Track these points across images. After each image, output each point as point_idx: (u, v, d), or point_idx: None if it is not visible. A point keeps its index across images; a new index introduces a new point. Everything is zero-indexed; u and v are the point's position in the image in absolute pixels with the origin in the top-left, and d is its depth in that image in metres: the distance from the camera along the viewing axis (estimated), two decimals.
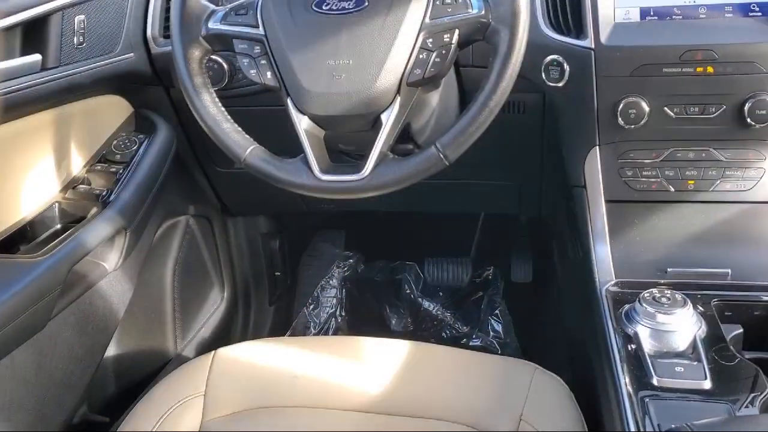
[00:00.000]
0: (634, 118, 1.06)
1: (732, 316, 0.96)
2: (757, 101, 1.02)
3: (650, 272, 1.05)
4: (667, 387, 0.85)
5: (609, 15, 1.05)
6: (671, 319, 0.90)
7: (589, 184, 1.13)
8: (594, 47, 1.05)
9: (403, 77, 0.88)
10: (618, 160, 1.11)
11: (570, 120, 1.14)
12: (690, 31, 1.03)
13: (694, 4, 1.04)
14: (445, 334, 1.93)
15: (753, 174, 1.08)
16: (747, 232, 1.08)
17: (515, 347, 1.85)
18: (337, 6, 0.90)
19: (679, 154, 1.09)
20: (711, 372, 0.85)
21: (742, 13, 1.03)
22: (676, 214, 1.11)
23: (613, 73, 1.05)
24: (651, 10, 1.06)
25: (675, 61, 1.02)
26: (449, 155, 0.90)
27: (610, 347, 0.93)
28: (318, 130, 0.93)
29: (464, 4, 0.88)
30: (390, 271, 2.03)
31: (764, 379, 0.85)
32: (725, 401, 0.82)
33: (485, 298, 1.95)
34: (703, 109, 1.05)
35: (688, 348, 0.89)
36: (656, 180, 1.10)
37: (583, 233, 1.13)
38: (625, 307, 0.96)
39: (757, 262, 1.04)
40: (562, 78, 1.08)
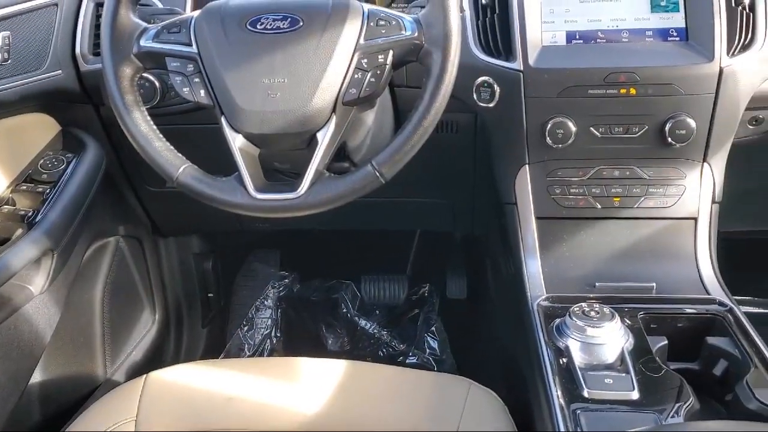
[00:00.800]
0: (561, 137, 1.10)
1: (657, 328, 1.00)
2: (677, 122, 1.07)
3: (579, 287, 1.08)
4: (598, 399, 0.87)
5: (537, 38, 1.09)
6: (600, 332, 0.93)
7: (519, 202, 1.16)
8: (523, 69, 1.08)
9: (339, 96, 0.89)
10: (547, 178, 1.15)
11: (501, 139, 1.17)
12: (613, 55, 1.08)
13: (617, 28, 1.09)
14: (381, 353, 1.93)
15: (674, 191, 1.13)
16: (670, 247, 1.12)
17: (451, 364, 1.86)
18: (271, 25, 0.90)
19: (605, 172, 1.13)
20: (638, 383, 0.88)
21: (661, 37, 1.08)
22: (603, 230, 1.15)
23: (541, 95, 1.09)
24: (576, 34, 1.10)
25: (599, 83, 1.06)
26: (385, 173, 0.91)
27: (542, 361, 0.95)
28: (252, 149, 0.93)
29: (398, 26, 0.89)
30: (326, 290, 2.02)
31: (688, 389, 0.88)
32: (652, 411, 0.85)
33: (421, 315, 1.96)
34: (626, 129, 1.10)
35: (616, 360, 0.92)
36: (583, 197, 1.14)
37: (515, 249, 1.16)
38: (556, 321, 0.98)
39: (679, 276, 1.09)
40: (492, 99, 1.11)
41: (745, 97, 1.08)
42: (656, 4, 1.08)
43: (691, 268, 1.10)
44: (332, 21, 0.89)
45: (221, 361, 1.26)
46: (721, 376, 0.95)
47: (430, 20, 0.88)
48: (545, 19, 1.10)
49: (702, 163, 1.12)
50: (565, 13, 1.10)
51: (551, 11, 1.10)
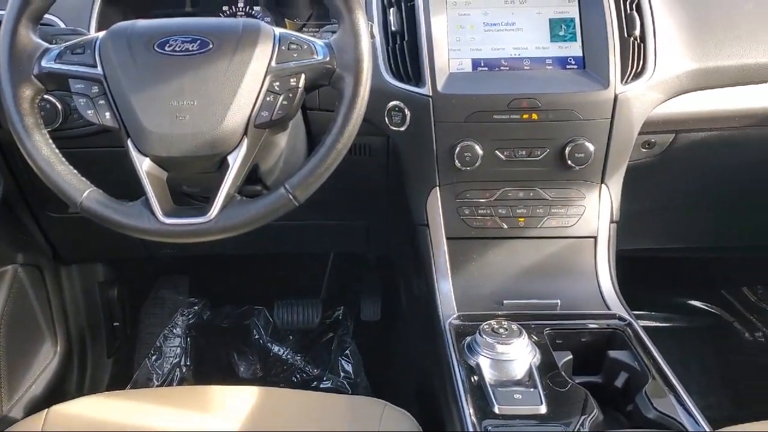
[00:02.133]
0: (469, 160, 1.13)
1: (562, 343, 1.03)
2: (576, 145, 1.12)
3: (489, 304, 1.11)
4: (508, 414, 0.89)
5: (444, 65, 1.12)
6: (509, 349, 0.95)
7: (431, 223, 1.19)
8: (432, 95, 1.11)
9: (250, 119, 0.89)
10: (456, 199, 1.18)
11: (412, 162, 1.20)
12: (516, 82, 1.12)
13: (519, 57, 1.14)
14: (295, 378, 1.91)
15: (575, 211, 1.18)
16: (572, 264, 1.17)
17: (365, 386, 1.86)
18: (180, 47, 0.89)
19: (510, 194, 1.17)
20: (546, 397, 0.91)
21: (561, 65, 1.14)
22: (510, 250, 1.18)
23: (450, 119, 1.12)
24: (481, 61, 1.14)
25: (504, 108, 1.11)
26: (298, 196, 0.91)
27: (454, 379, 0.96)
28: (160, 172, 0.91)
29: (309, 50, 0.90)
30: (237, 317, 1.98)
31: (592, 401, 0.92)
32: (560, 424, 0.88)
33: (335, 339, 1.96)
34: (529, 153, 1.14)
35: (525, 376, 0.94)
36: (491, 218, 1.18)
37: (427, 270, 1.18)
38: (467, 339, 1.00)
39: (582, 292, 1.14)
40: (404, 123, 1.13)
41: (638, 121, 1.14)
42: (555, 33, 1.14)
43: (592, 285, 1.15)
44: (243, 44, 0.89)
45: (128, 392, 1.21)
46: (622, 387, 0.99)
47: (342, 45, 0.90)
48: (452, 46, 1.13)
49: (600, 184, 1.17)
50: (471, 42, 1.14)
51: (458, 39, 1.14)
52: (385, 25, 1.15)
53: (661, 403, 0.91)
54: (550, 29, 1.14)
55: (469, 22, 1.15)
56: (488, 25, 1.15)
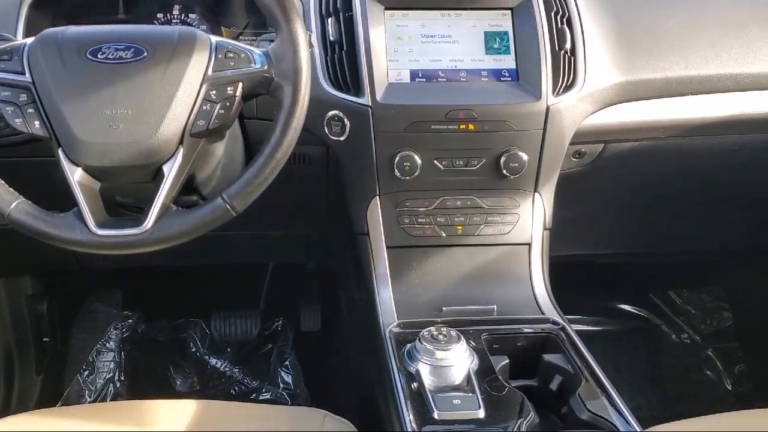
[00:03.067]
0: (408, 170, 1.14)
1: (499, 348, 1.06)
2: (511, 155, 1.15)
3: (428, 312, 1.13)
4: (447, 419, 0.91)
5: (383, 75, 1.14)
6: (448, 355, 0.97)
7: (371, 232, 1.20)
8: (371, 104, 1.12)
9: (186, 128, 0.88)
10: (396, 208, 1.19)
11: (352, 172, 1.20)
12: (453, 93, 1.15)
13: (455, 68, 1.16)
14: (234, 391, 1.88)
15: (510, 219, 1.21)
16: (508, 271, 1.20)
17: (305, 397, 1.85)
18: (113, 55, 0.87)
19: (449, 203, 1.19)
20: (484, 402, 0.93)
21: (495, 78, 1.17)
22: (449, 257, 1.20)
23: (389, 129, 1.13)
24: (419, 72, 1.16)
25: (441, 119, 1.13)
26: (237, 206, 0.90)
27: (394, 386, 0.97)
28: (93, 182, 0.89)
29: (247, 59, 0.90)
30: (173, 330, 1.94)
31: (529, 405, 0.94)
32: (498, 428, 0.90)
33: (275, 350, 1.94)
34: (466, 162, 1.17)
35: (463, 381, 0.96)
36: (430, 226, 1.19)
37: (368, 278, 1.19)
38: (407, 347, 1.01)
39: (517, 298, 1.16)
40: (343, 132, 1.14)
41: (569, 132, 1.18)
42: (490, 46, 1.17)
43: (527, 290, 1.18)
44: (179, 52, 0.88)
45: (58, 410, 1.17)
46: (556, 390, 1.02)
47: (280, 54, 0.90)
48: (390, 57, 1.15)
49: (534, 193, 1.21)
50: (409, 53, 1.16)
51: (396, 50, 1.15)
52: (323, 35, 1.16)
53: (593, 405, 0.94)
54: (484, 42, 1.17)
55: (406, 33, 1.17)
56: (425, 36, 1.17)
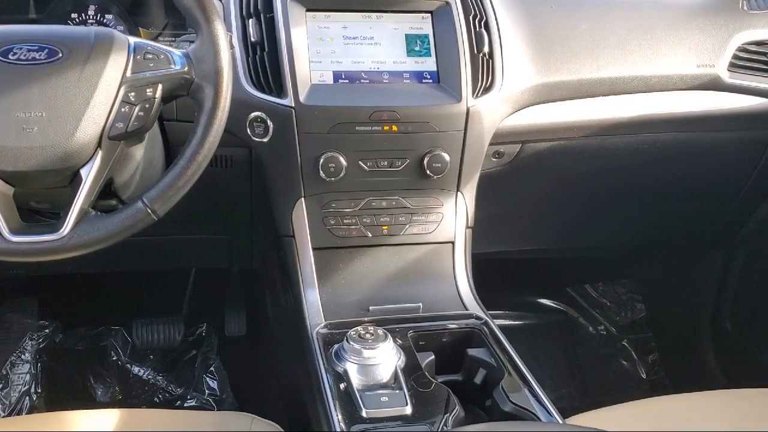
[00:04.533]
0: (333, 171, 1.15)
1: (425, 344, 1.08)
2: (434, 156, 1.17)
3: (355, 311, 1.13)
4: (375, 417, 0.92)
5: (306, 76, 1.14)
6: (375, 353, 0.98)
7: (297, 234, 1.19)
8: (294, 106, 1.12)
9: (104, 131, 0.85)
10: (322, 210, 1.19)
11: (276, 173, 1.20)
12: (376, 94, 1.16)
13: (378, 70, 1.18)
14: (157, 399, 1.83)
15: (434, 218, 1.23)
16: (432, 269, 1.22)
17: (231, 402, 1.83)
18: (26, 56, 0.84)
19: (374, 203, 1.20)
20: (411, 398, 0.94)
21: (417, 79, 1.19)
22: (375, 257, 1.21)
23: (313, 130, 1.13)
24: (342, 73, 1.16)
25: (365, 120, 1.14)
26: (158, 210, 0.88)
27: (322, 387, 0.98)
28: (6, 188, 0.85)
29: (166, 60, 0.89)
30: (93, 338, 1.87)
31: (454, 399, 0.96)
32: (425, 423, 0.92)
33: (199, 356, 1.91)
34: (391, 163, 1.18)
35: (390, 378, 0.97)
36: (356, 227, 1.20)
37: (294, 281, 1.19)
38: (335, 347, 1.02)
39: (442, 295, 1.19)
40: (266, 134, 1.13)
41: (488, 133, 1.21)
42: (411, 49, 1.19)
43: (451, 287, 1.21)
44: (95, 53, 0.86)
45: None
46: (481, 383, 1.05)
47: (200, 55, 0.89)
48: (313, 58, 1.15)
49: (456, 192, 1.23)
50: (331, 54, 1.16)
51: (318, 52, 1.16)
52: (244, 36, 1.15)
53: (516, 397, 0.97)
54: (406, 44, 1.19)
55: (328, 34, 1.17)
56: (348, 38, 1.18)
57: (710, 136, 1.41)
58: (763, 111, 1.36)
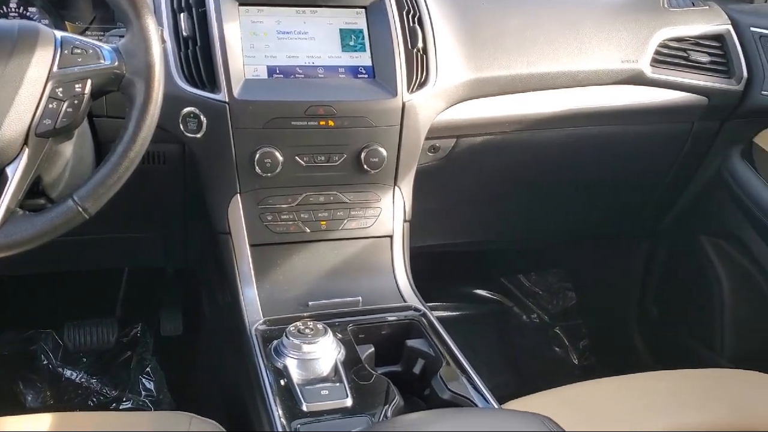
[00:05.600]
0: (269, 166, 1.14)
1: (365, 337, 1.09)
2: (371, 150, 1.18)
3: (294, 307, 1.14)
4: (316, 411, 0.92)
5: (239, 71, 1.13)
6: (315, 348, 0.98)
7: (233, 231, 1.18)
8: (228, 101, 1.11)
9: (31, 128, 0.83)
10: (259, 206, 1.18)
11: (211, 170, 1.18)
12: (312, 89, 1.16)
13: (313, 65, 1.18)
14: (91, 402, 1.79)
15: (372, 213, 1.24)
16: (371, 262, 1.23)
17: (169, 403, 1.80)
18: None
19: (312, 198, 1.20)
20: (351, 390, 0.95)
21: (352, 74, 1.19)
22: (313, 253, 1.22)
23: (248, 125, 1.13)
24: (277, 68, 1.16)
25: (301, 115, 1.13)
26: (89, 208, 0.86)
27: (262, 383, 0.97)
28: None
29: (95, 55, 0.86)
30: (22, 342, 1.81)
31: (394, 390, 0.98)
32: (365, 414, 0.93)
33: (134, 357, 1.86)
34: (328, 158, 1.18)
35: (330, 372, 0.98)
36: (293, 222, 1.20)
37: (231, 278, 1.18)
38: (274, 343, 1.02)
39: (381, 288, 1.20)
40: (200, 129, 1.12)
41: (424, 127, 1.23)
42: (346, 44, 1.19)
43: (390, 281, 1.22)
44: (19, 48, 0.83)
45: None
46: (419, 373, 1.07)
47: (131, 50, 0.87)
48: (246, 53, 1.14)
49: (394, 186, 1.24)
50: (265, 49, 1.16)
51: (252, 46, 1.15)
52: (176, 31, 1.13)
53: (454, 385, 0.99)
54: (340, 39, 1.19)
55: (262, 29, 1.16)
56: (281, 33, 1.17)
57: (635, 129, 1.47)
58: (683, 104, 1.42)
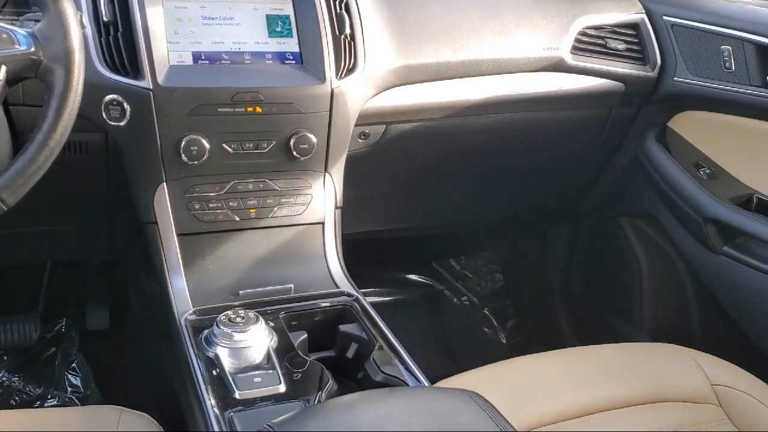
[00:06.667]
0: (196, 154, 1.12)
1: (297, 324, 1.09)
2: (300, 137, 1.18)
3: (225, 297, 1.13)
4: (249, 398, 0.92)
5: (163, 57, 1.10)
6: (246, 336, 0.98)
7: (160, 220, 1.16)
8: (152, 88, 1.08)
9: None
10: (186, 194, 1.17)
11: (135, 158, 1.16)
12: (238, 75, 1.15)
13: (239, 51, 1.16)
14: (14, 401, 1.72)
15: (303, 200, 1.24)
16: (303, 250, 1.23)
17: (97, 398, 1.75)
18: None
19: (240, 186, 1.19)
20: (284, 377, 0.96)
21: (280, 60, 1.18)
22: (243, 241, 1.21)
23: (173, 113, 1.10)
24: (202, 54, 1.14)
25: (228, 101, 1.12)
26: (7, 200, 0.83)
27: (193, 374, 0.97)
28: None
29: (10, 40, 0.83)
30: None
31: (328, 374, 0.99)
32: (299, 399, 0.93)
33: (59, 353, 1.81)
34: (256, 145, 1.17)
35: (263, 360, 0.98)
36: (222, 211, 1.19)
37: (159, 269, 1.16)
38: (204, 333, 1.01)
39: (313, 275, 1.20)
40: (123, 117, 1.09)
41: (353, 114, 1.23)
42: (273, 29, 1.18)
43: (322, 267, 1.22)
44: None
45: None
46: (353, 357, 1.08)
47: (49, 35, 0.84)
48: (170, 39, 1.12)
49: (324, 173, 1.25)
50: (190, 35, 1.14)
51: (176, 32, 1.12)
52: (96, 15, 1.10)
53: (387, 368, 1.01)
54: (267, 25, 1.18)
55: (186, 15, 1.14)
56: (206, 18, 1.15)
57: (557, 115, 1.52)
58: (602, 91, 1.47)
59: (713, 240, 1.42)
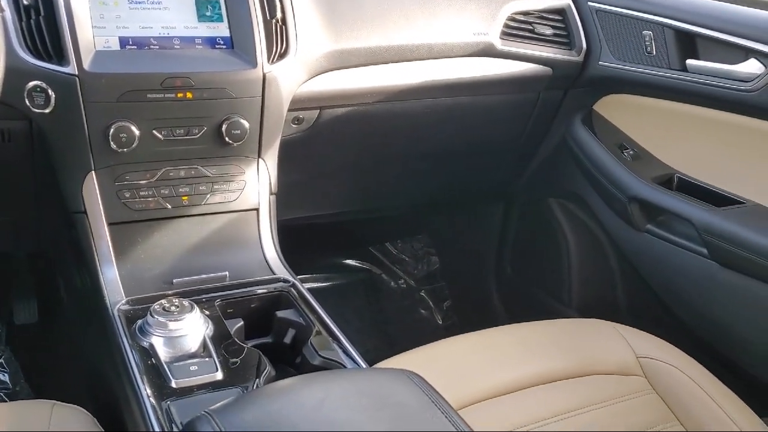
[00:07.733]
0: (125, 141, 1.10)
1: (234, 311, 1.09)
2: (232, 122, 1.16)
3: (158, 285, 1.11)
4: (185, 387, 0.92)
5: (89, 42, 1.07)
6: (181, 325, 0.98)
7: (89, 210, 1.14)
8: (78, 74, 1.05)
9: None
10: (115, 183, 1.14)
11: (62, 147, 1.12)
12: (168, 60, 1.12)
13: (168, 36, 1.14)
14: None
15: (236, 186, 1.23)
16: (238, 237, 1.23)
17: (27, 394, 1.70)
18: None
19: (172, 173, 1.18)
20: (221, 364, 0.96)
21: (210, 45, 1.17)
22: (176, 229, 1.19)
23: (101, 99, 1.08)
24: (129, 39, 1.11)
25: (157, 87, 1.10)
26: None
27: (128, 364, 0.96)
28: None
29: None
30: None
31: (265, 360, 0.99)
32: (237, 386, 0.94)
33: None
34: (187, 131, 1.15)
35: (199, 348, 0.98)
36: (153, 199, 1.17)
37: (89, 259, 1.13)
38: (138, 323, 1.00)
39: (248, 262, 1.20)
40: (48, 104, 1.06)
41: (286, 99, 1.23)
42: (202, 14, 1.16)
43: (258, 254, 1.22)
44: None
45: None
46: (291, 343, 1.09)
47: None
48: (96, 23, 1.09)
49: (258, 159, 1.24)
50: (117, 19, 1.11)
51: (102, 16, 1.09)
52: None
53: (325, 352, 1.02)
54: (196, 9, 1.16)
55: None
56: (133, 2, 1.12)
57: (487, 99, 1.55)
58: (530, 75, 1.51)
59: (637, 218, 1.48)
